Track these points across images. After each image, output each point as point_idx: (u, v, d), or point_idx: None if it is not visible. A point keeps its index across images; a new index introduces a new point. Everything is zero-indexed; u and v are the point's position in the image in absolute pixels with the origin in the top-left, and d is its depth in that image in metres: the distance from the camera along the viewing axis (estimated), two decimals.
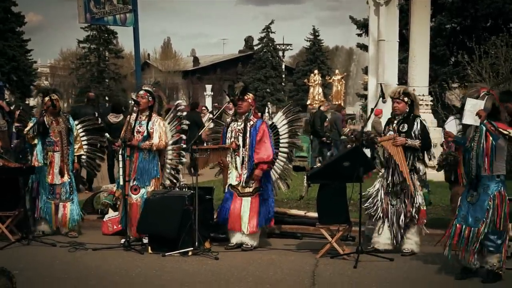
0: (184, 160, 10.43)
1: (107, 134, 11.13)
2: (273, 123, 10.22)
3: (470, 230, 7.76)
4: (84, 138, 10.90)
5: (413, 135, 9.07)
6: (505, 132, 7.55)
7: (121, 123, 12.07)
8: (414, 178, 9.14)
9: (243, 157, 9.55)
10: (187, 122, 10.52)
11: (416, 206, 9.08)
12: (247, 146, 9.51)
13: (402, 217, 9.11)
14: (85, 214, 11.12)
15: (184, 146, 10.32)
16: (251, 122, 9.59)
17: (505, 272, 7.80)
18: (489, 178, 7.76)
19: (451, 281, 7.89)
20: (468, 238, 7.76)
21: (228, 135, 9.68)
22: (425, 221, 9.29)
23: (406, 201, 9.12)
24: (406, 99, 9.20)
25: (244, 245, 9.57)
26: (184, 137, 10.38)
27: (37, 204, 10.43)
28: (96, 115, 13.69)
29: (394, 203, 9.19)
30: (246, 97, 9.63)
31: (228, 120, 9.87)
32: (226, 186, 9.70)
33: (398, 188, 9.17)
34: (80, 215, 10.70)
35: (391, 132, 9.20)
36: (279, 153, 10.10)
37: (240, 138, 9.57)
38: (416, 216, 9.10)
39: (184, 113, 10.58)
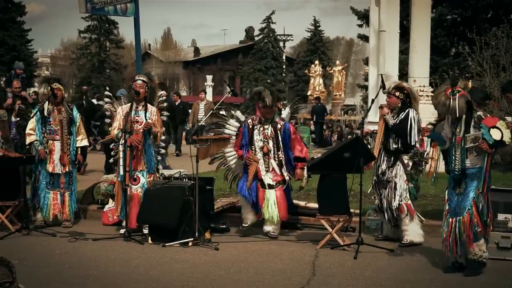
0: (162, 151, 10.56)
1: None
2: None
3: (457, 221, 7.73)
4: None
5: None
6: (498, 139, 7.51)
7: None
8: (399, 169, 9.17)
9: (280, 160, 9.77)
10: (167, 114, 10.58)
11: (398, 198, 9.12)
12: (281, 150, 9.77)
13: (390, 207, 9.19)
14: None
15: (164, 137, 10.48)
16: (279, 126, 9.79)
17: (486, 260, 7.75)
18: (476, 170, 7.73)
19: (450, 272, 7.89)
20: (456, 228, 7.74)
21: (257, 137, 9.81)
22: (414, 213, 9.24)
23: (390, 193, 9.18)
24: (397, 93, 9.26)
25: (271, 232, 9.72)
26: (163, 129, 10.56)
27: (37, 194, 10.44)
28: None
29: (383, 193, 9.26)
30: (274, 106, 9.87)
31: (249, 121, 9.91)
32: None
33: (384, 179, 9.23)
34: (76, 207, 10.73)
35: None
36: None
37: (271, 142, 9.77)
38: (400, 208, 9.13)
39: (165, 104, 10.60)
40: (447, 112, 7.79)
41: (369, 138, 9.71)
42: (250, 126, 9.87)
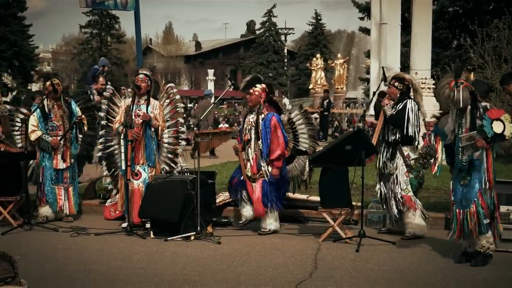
0: (183, 143, 10.53)
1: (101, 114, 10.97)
2: (290, 118, 10.22)
3: (465, 212, 7.76)
4: None
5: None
6: (499, 132, 7.52)
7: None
8: (399, 161, 9.13)
9: (260, 150, 9.49)
10: (182, 105, 10.60)
11: (400, 191, 9.09)
12: (261, 140, 9.47)
13: (392, 201, 9.15)
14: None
15: (182, 129, 10.44)
16: (263, 115, 9.55)
17: (493, 252, 7.80)
18: (480, 161, 7.74)
19: (452, 264, 7.90)
20: (463, 220, 7.76)
21: (244, 126, 9.75)
22: (415, 205, 9.20)
23: (392, 185, 9.15)
24: (396, 84, 9.19)
25: (261, 229, 9.59)
26: (181, 120, 10.55)
27: (42, 189, 10.39)
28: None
29: (387, 186, 9.22)
30: (252, 91, 9.61)
31: (245, 110, 9.89)
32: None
33: (387, 171, 9.20)
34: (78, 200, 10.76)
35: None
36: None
37: (253, 131, 9.57)
38: (402, 200, 9.10)
39: (178, 96, 10.60)
40: (452, 105, 7.79)
41: (370, 131, 9.67)
42: (244, 114, 9.86)
